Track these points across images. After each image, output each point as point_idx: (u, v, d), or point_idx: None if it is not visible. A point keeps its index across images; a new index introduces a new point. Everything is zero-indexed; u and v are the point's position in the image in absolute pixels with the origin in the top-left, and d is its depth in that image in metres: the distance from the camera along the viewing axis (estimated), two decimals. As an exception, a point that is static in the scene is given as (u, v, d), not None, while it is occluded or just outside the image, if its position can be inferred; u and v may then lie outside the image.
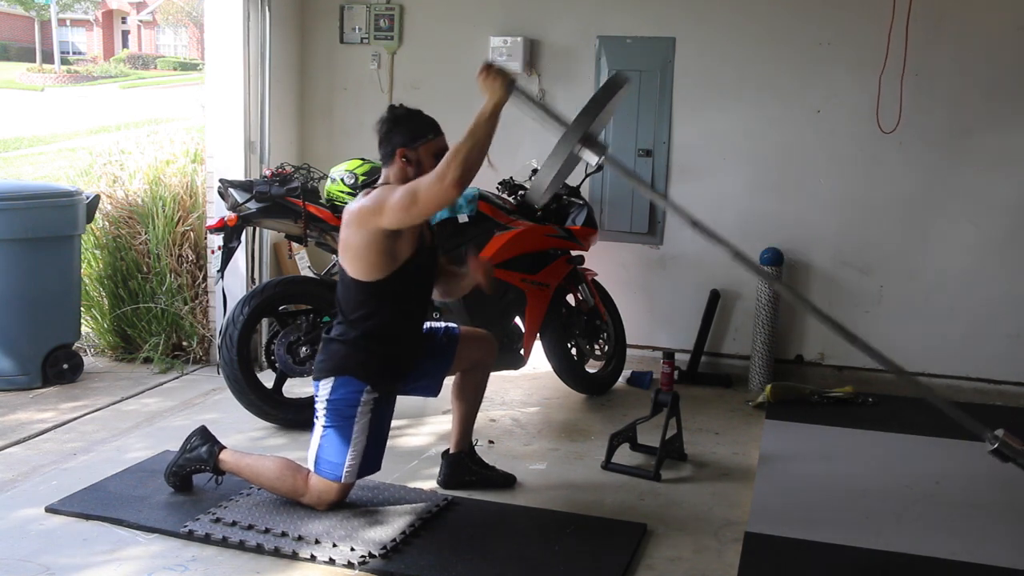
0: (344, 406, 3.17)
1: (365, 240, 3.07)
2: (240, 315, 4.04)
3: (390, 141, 3.14)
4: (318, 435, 3.21)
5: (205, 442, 3.39)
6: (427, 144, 3.15)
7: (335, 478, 3.18)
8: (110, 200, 5.37)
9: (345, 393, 3.16)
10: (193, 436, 3.42)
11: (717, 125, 5.20)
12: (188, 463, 3.39)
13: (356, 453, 3.17)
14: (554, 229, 4.57)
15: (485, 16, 5.42)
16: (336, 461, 3.18)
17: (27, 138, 15.02)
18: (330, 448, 3.18)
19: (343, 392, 3.16)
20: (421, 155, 3.13)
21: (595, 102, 2.99)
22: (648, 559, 3.07)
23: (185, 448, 3.41)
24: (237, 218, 4.08)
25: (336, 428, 3.17)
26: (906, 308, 5.09)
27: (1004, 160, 4.87)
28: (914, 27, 4.78)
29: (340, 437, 3.17)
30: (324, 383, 3.20)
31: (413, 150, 3.13)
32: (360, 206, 3.09)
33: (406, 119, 3.17)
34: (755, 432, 4.38)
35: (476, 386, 3.56)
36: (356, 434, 3.17)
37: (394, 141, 3.13)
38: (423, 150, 3.13)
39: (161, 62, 31.68)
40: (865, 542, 3.17)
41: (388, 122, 3.16)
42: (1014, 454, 2.80)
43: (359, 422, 3.17)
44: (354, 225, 3.10)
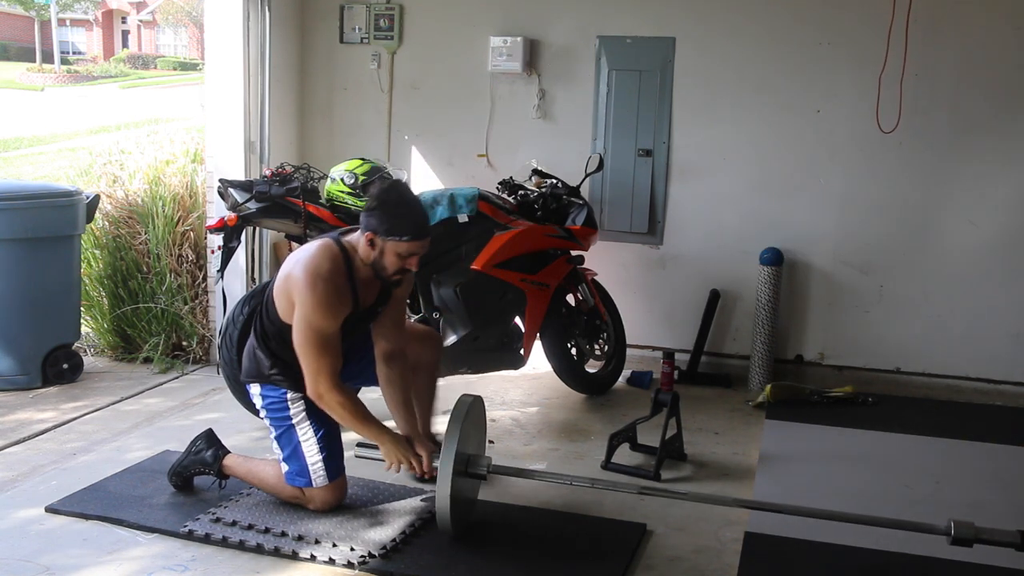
0: (278, 410, 3.21)
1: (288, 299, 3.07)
2: (240, 315, 4.03)
3: (368, 218, 3.02)
4: (276, 447, 3.26)
5: (210, 446, 3.39)
6: (397, 243, 3.00)
7: (307, 484, 3.20)
8: (110, 200, 5.37)
9: (274, 399, 3.22)
10: (199, 439, 3.43)
11: (717, 125, 5.20)
12: (192, 465, 3.39)
13: (313, 454, 3.19)
14: (554, 229, 4.56)
15: (485, 16, 5.42)
16: (300, 467, 3.20)
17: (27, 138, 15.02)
18: (290, 457, 3.21)
19: (271, 398, 3.23)
20: (386, 248, 3.01)
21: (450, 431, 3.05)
22: (648, 559, 3.07)
23: (190, 450, 3.41)
24: (237, 218, 4.08)
25: (284, 434, 3.21)
26: (906, 308, 5.09)
27: (1004, 160, 4.87)
28: (914, 27, 4.78)
29: (290, 442, 3.20)
30: (253, 387, 3.29)
31: (382, 240, 3.00)
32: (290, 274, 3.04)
33: (393, 209, 3.01)
34: (755, 432, 4.38)
35: (423, 389, 3.43)
36: (303, 436, 3.18)
37: (371, 222, 3.01)
38: (390, 245, 3.00)
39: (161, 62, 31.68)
40: (865, 542, 3.17)
41: (377, 200, 3.03)
42: (974, 535, 2.82)
43: (299, 425, 3.19)
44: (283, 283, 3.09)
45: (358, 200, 4.27)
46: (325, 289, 2.97)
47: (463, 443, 3.05)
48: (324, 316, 2.98)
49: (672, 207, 5.32)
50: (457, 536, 3.07)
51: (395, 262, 3.03)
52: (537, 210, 4.63)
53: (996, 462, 4.10)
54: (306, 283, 2.97)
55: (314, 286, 2.96)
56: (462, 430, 3.03)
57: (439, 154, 5.63)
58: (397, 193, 3.09)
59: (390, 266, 3.04)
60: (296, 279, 3.01)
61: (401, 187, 3.16)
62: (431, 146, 5.65)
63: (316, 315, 2.98)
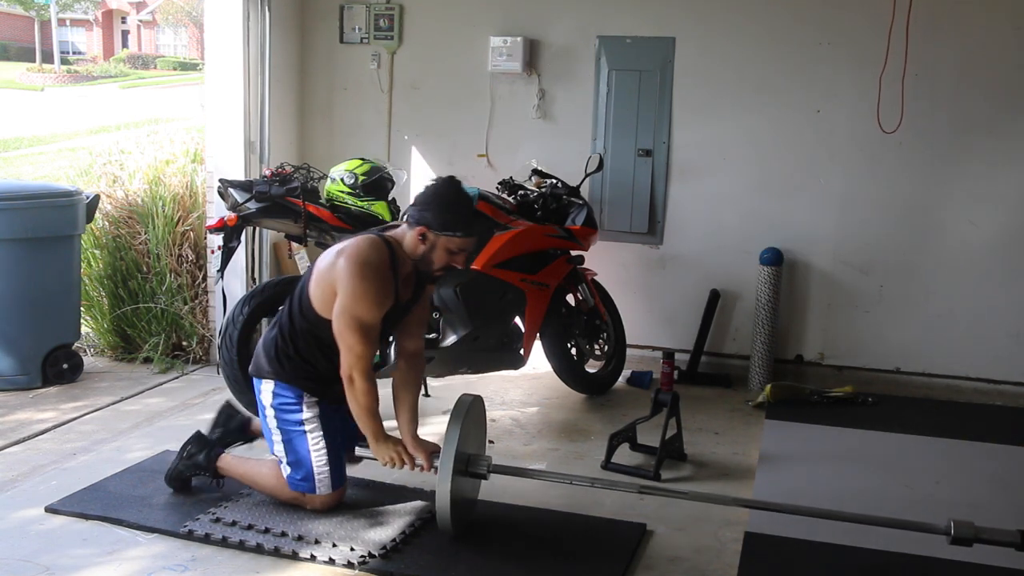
0: (290, 411, 3.17)
1: (331, 289, 3.05)
2: (240, 315, 4.03)
3: (421, 212, 3.05)
4: (279, 449, 3.20)
5: (201, 449, 3.38)
6: (450, 239, 3.04)
7: (311, 491, 3.18)
8: (110, 200, 5.37)
9: (287, 399, 3.17)
10: (190, 443, 3.41)
11: (717, 125, 5.20)
12: (187, 469, 3.38)
13: (322, 463, 3.17)
14: (554, 229, 4.57)
15: (485, 16, 5.42)
16: (305, 473, 3.17)
17: (27, 138, 15.02)
18: (296, 463, 3.18)
19: (285, 398, 3.17)
20: (438, 243, 3.05)
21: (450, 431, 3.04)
22: (648, 559, 3.07)
23: (182, 455, 3.40)
24: (237, 218, 4.08)
25: (292, 439, 3.17)
26: (906, 308, 5.09)
27: (1004, 160, 4.87)
28: (914, 27, 4.78)
29: (298, 449, 3.16)
30: (264, 384, 3.21)
31: (435, 235, 3.04)
32: (334, 264, 3.03)
33: (449, 205, 3.05)
34: (755, 432, 4.38)
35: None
36: (314, 444, 3.15)
37: (425, 217, 3.03)
38: (443, 240, 3.04)
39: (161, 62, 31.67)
40: (865, 542, 3.17)
41: (433, 195, 3.07)
42: (973, 535, 2.82)
43: (311, 433, 3.16)
44: (326, 272, 3.06)
45: (358, 200, 4.27)
46: (372, 279, 2.97)
47: (463, 442, 3.05)
48: (369, 306, 2.98)
49: (672, 207, 5.32)
50: (457, 536, 3.07)
51: (443, 258, 3.07)
52: (537, 210, 4.63)
53: (996, 462, 4.10)
54: (353, 272, 2.96)
55: (362, 276, 2.96)
56: (462, 429, 3.03)
57: (439, 154, 5.63)
58: (453, 190, 3.11)
59: (438, 261, 3.07)
60: (341, 268, 2.99)
61: (455, 184, 3.16)
62: (431, 146, 5.65)
63: (361, 305, 2.97)
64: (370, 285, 2.97)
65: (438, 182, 3.16)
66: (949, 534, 2.84)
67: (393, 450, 3.15)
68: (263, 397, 3.21)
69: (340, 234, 4.22)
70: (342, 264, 2.99)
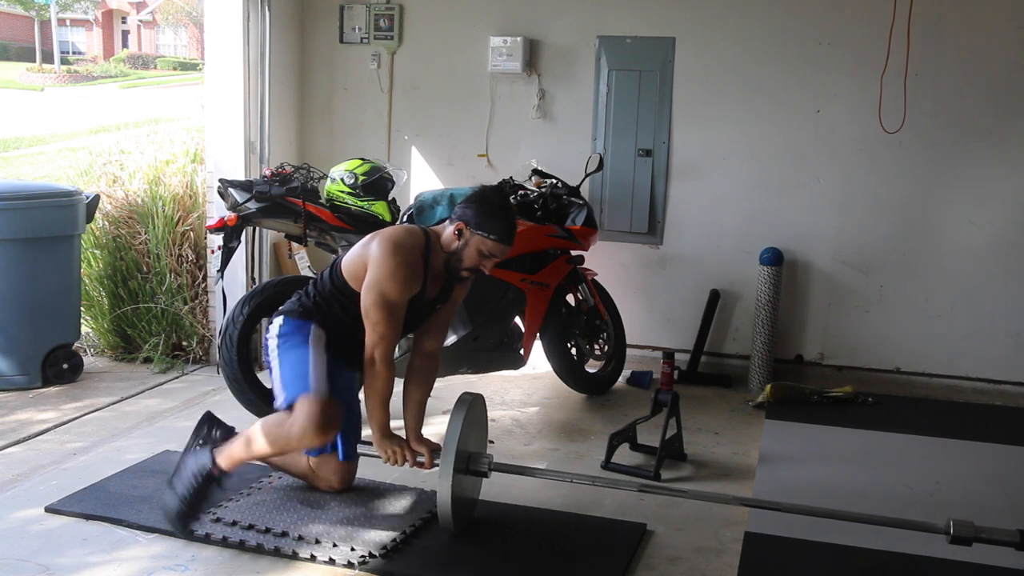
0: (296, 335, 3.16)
1: (362, 264, 3.14)
2: (240, 315, 4.04)
3: (464, 209, 3.14)
4: (276, 369, 3.15)
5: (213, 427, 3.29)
6: (484, 240, 3.11)
7: (304, 390, 3.04)
8: (110, 200, 5.37)
9: (295, 327, 3.19)
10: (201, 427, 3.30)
11: (717, 125, 5.20)
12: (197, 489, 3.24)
13: (318, 368, 3.09)
14: (554, 229, 4.57)
15: (485, 16, 5.42)
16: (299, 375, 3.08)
17: (27, 138, 15.02)
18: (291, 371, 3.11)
19: (293, 326, 3.19)
20: (472, 241, 3.12)
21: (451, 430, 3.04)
22: (648, 559, 3.07)
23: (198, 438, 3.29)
24: (237, 218, 4.09)
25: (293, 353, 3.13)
26: (906, 308, 5.09)
27: (1005, 161, 4.87)
28: (915, 28, 4.78)
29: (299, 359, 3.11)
30: (276, 319, 3.25)
31: (471, 232, 3.11)
32: (369, 244, 3.13)
33: (491, 208, 3.14)
34: (755, 432, 4.38)
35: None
36: (314, 356, 3.12)
37: (466, 213, 3.13)
38: (477, 240, 3.11)
39: (161, 62, 31.66)
40: (865, 542, 3.17)
41: (479, 195, 3.18)
42: (973, 534, 2.82)
43: (314, 349, 3.13)
44: (360, 249, 3.17)
45: (358, 200, 4.27)
46: (402, 259, 3.06)
47: (464, 441, 3.05)
48: (395, 285, 3.05)
49: (672, 207, 5.32)
50: (458, 534, 3.07)
51: (474, 258, 3.13)
52: (537, 210, 4.63)
53: (996, 462, 4.10)
54: (385, 249, 3.06)
55: (393, 253, 3.05)
56: (463, 428, 3.03)
57: (439, 154, 5.63)
58: (500, 196, 3.24)
59: (467, 260, 3.14)
60: (375, 246, 3.10)
61: (505, 192, 3.28)
62: (431, 146, 5.65)
63: (388, 283, 3.05)
64: (400, 264, 3.05)
65: (488, 187, 3.30)
66: (949, 534, 2.84)
67: (396, 445, 3.17)
68: (271, 331, 3.23)
69: (340, 234, 4.23)
70: (377, 242, 3.11)
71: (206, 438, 3.25)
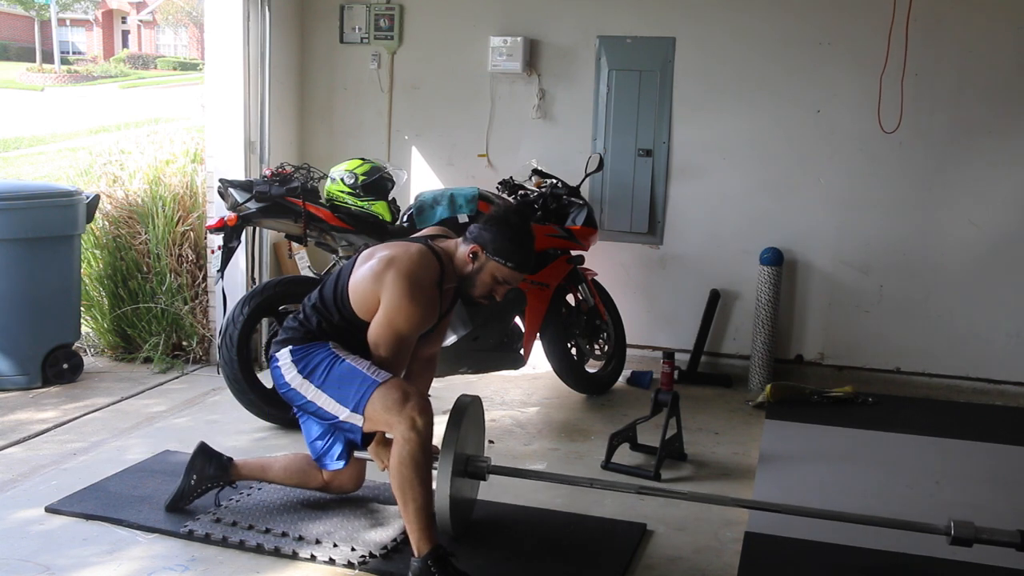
0: (314, 355, 2.93)
1: (374, 296, 2.90)
2: (240, 315, 4.04)
3: (481, 231, 2.95)
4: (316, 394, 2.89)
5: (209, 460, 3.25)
6: (500, 266, 2.93)
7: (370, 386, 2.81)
8: (110, 200, 5.37)
9: (307, 350, 2.95)
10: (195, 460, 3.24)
11: (717, 125, 5.20)
12: (200, 485, 3.23)
13: (364, 364, 2.88)
14: (554, 229, 4.57)
15: (485, 16, 5.42)
16: (351, 379, 2.86)
17: (27, 138, 15.02)
18: (338, 382, 2.86)
19: (304, 351, 2.95)
20: (488, 267, 2.94)
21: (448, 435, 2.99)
22: (648, 559, 3.07)
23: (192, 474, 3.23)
24: (237, 218, 4.08)
25: (325, 371, 2.90)
26: (906, 308, 5.09)
27: (1004, 160, 4.87)
28: (914, 28, 4.78)
29: (338, 370, 2.88)
30: (281, 353, 2.98)
31: (487, 257, 2.93)
32: (383, 275, 2.86)
33: (512, 233, 2.95)
34: (755, 432, 4.38)
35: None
36: (351, 359, 2.89)
37: (484, 236, 2.94)
38: (492, 265, 2.93)
39: (161, 62, 31.66)
40: (865, 542, 3.17)
41: (499, 218, 2.97)
42: (973, 535, 2.82)
43: (345, 354, 2.91)
44: (372, 280, 2.90)
45: (358, 200, 4.27)
46: (421, 300, 2.87)
47: (462, 444, 3.05)
48: (413, 327, 2.89)
49: (672, 207, 5.32)
50: (457, 536, 3.07)
51: (487, 283, 2.97)
52: (537, 210, 4.63)
53: (996, 462, 4.10)
54: (403, 291, 2.84)
55: (411, 296, 2.84)
56: (461, 430, 3.03)
57: (439, 154, 5.63)
58: (520, 219, 3.03)
59: (480, 286, 2.98)
60: (391, 282, 2.85)
61: (525, 214, 3.06)
62: (431, 146, 5.65)
63: (407, 325, 2.87)
64: (418, 306, 2.87)
65: (510, 208, 3.09)
66: (949, 534, 2.84)
67: (387, 453, 3.08)
68: (282, 365, 2.97)
69: (340, 234, 4.23)
70: (392, 278, 2.85)
71: (200, 472, 3.22)
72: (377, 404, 2.81)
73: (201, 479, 3.23)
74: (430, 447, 2.82)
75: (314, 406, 2.94)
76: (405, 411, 2.77)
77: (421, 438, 2.77)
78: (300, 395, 2.95)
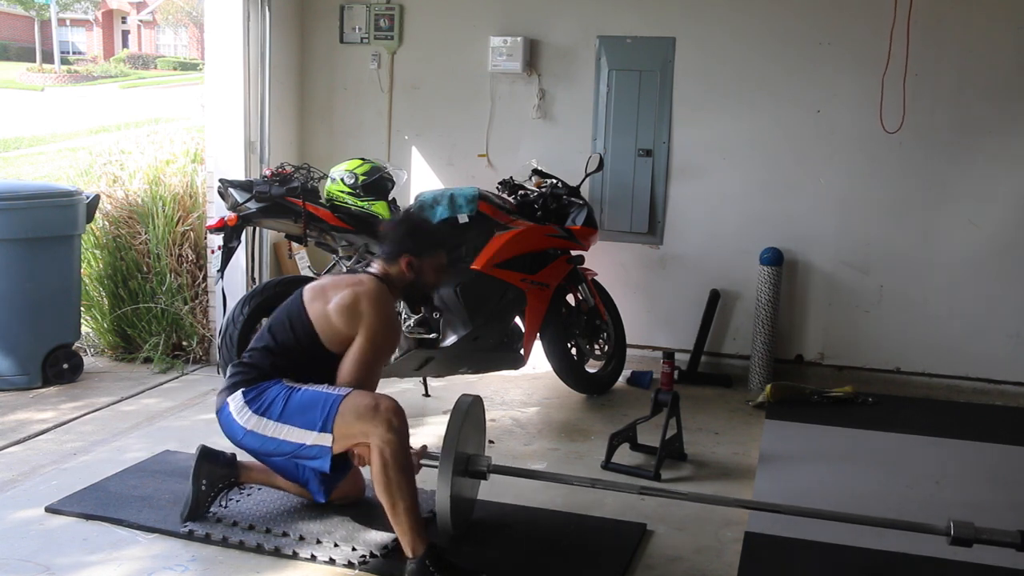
0: (270, 392, 2.92)
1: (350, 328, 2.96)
2: (240, 315, 4.04)
3: (400, 244, 3.12)
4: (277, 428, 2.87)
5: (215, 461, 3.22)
6: (433, 259, 3.18)
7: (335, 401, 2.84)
8: (110, 200, 5.37)
9: (261, 390, 2.93)
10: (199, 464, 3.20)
11: (717, 125, 5.20)
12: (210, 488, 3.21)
13: (321, 388, 2.91)
14: (554, 229, 4.57)
15: (485, 16, 5.42)
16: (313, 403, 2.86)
17: (27, 138, 15.02)
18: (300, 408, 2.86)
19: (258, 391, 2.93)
20: (425, 267, 3.16)
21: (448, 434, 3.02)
22: (648, 559, 3.07)
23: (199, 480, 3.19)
24: (237, 218, 4.08)
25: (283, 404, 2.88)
26: (906, 308, 5.09)
27: (1005, 160, 4.87)
28: (915, 28, 4.78)
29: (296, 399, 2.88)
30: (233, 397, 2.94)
31: (419, 260, 3.13)
32: (347, 305, 2.94)
33: (420, 230, 3.21)
34: (755, 432, 4.38)
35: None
36: (308, 387, 2.91)
37: (405, 246, 3.12)
38: (428, 263, 3.16)
39: (161, 62, 31.66)
40: (865, 542, 3.17)
41: (403, 226, 3.19)
42: (973, 535, 2.82)
43: (301, 385, 2.93)
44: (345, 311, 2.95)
45: (358, 200, 4.27)
46: (398, 324, 3.17)
47: (463, 443, 3.05)
48: (394, 348, 3.20)
49: (672, 207, 5.32)
50: (457, 536, 3.07)
51: (434, 277, 3.22)
52: (537, 210, 4.63)
53: (996, 462, 4.10)
54: (384, 318, 2.99)
55: (392, 321, 3.07)
56: (462, 430, 3.03)
57: (439, 154, 5.63)
58: (419, 217, 3.37)
59: (431, 282, 3.22)
60: (371, 313, 2.94)
61: (418, 211, 3.37)
62: (431, 146, 5.65)
63: (390, 347, 3.14)
64: (397, 329, 3.13)
65: (401, 215, 3.37)
66: (949, 535, 2.84)
67: None
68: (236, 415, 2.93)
69: (340, 234, 4.23)
70: (368, 308, 2.94)
71: (209, 476, 3.19)
72: (348, 416, 2.84)
73: (212, 481, 3.20)
74: (408, 447, 2.86)
75: (274, 443, 2.90)
76: (380, 415, 2.81)
77: (400, 438, 2.80)
78: (259, 436, 2.91)
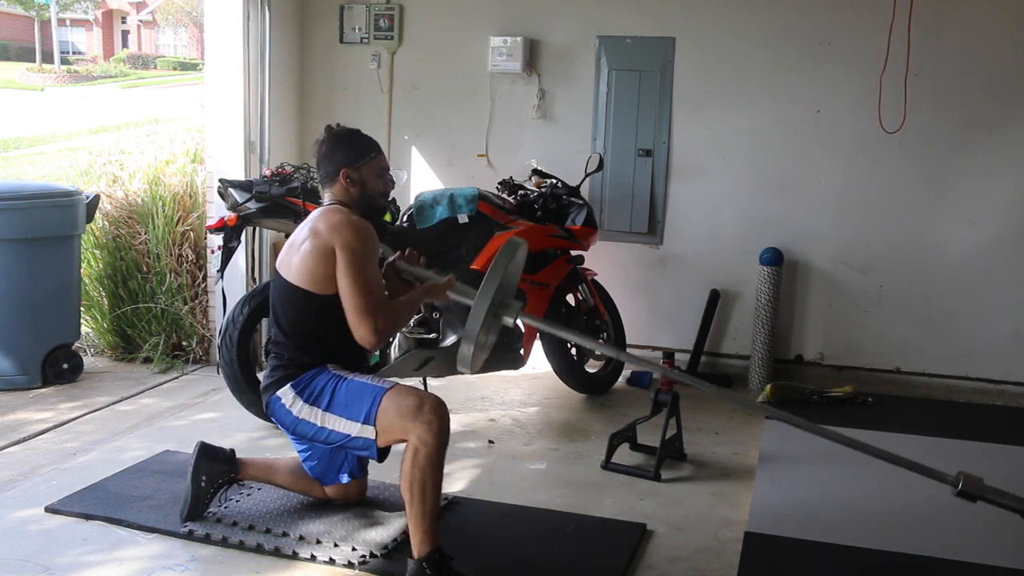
0: (318, 382, 2.93)
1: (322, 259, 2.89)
2: (240, 315, 4.04)
3: (331, 160, 3.04)
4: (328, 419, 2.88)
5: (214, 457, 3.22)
6: (370, 163, 3.06)
7: (377, 395, 2.83)
8: (110, 200, 5.37)
9: (307, 380, 2.94)
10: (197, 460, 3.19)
11: (717, 125, 5.20)
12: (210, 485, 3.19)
13: (368, 378, 2.91)
14: (554, 229, 4.57)
15: (485, 16, 5.42)
16: (359, 395, 2.86)
17: (27, 138, 15.02)
18: (346, 400, 2.87)
19: (305, 382, 2.94)
20: (364, 174, 3.05)
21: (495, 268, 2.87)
22: (648, 559, 3.07)
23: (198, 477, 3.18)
24: (237, 218, 4.08)
25: (332, 394, 2.89)
26: (906, 308, 5.09)
27: (1005, 160, 4.87)
28: (915, 27, 4.78)
29: (345, 390, 2.88)
30: (283, 391, 2.97)
31: (356, 170, 3.03)
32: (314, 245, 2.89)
33: (347, 139, 3.07)
34: (755, 432, 4.38)
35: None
36: (354, 377, 2.91)
37: (336, 160, 3.03)
38: (366, 169, 3.05)
39: (161, 62, 31.67)
40: (865, 542, 3.17)
41: (328, 142, 3.07)
42: (980, 492, 2.81)
43: (347, 374, 2.93)
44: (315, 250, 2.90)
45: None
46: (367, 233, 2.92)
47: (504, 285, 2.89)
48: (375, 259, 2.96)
49: (672, 207, 5.32)
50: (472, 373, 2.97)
51: (377, 182, 3.09)
52: (537, 210, 4.63)
53: (996, 462, 4.09)
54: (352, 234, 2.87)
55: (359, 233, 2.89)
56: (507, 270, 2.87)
57: (439, 154, 5.63)
58: (339, 129, 3.12)
59: (375, 187, 3.08)
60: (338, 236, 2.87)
61: (338, 125, 3.15)
62: (431, 146, 5.65)
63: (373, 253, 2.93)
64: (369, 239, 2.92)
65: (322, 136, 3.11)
66: (957, 486, 2.82)
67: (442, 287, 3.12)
68: (288, 406, 2.95)
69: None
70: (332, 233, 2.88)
71: (208, 472, 3.17)
72: (390, 412, 2.80)
73: (211, 478, 3.19)
74: (445, 450, 2.80)
75: (324, 432, 2.92)
76: (423, 415, 2.75)
77: (439, 441, 2.76)
78: (309, 424, 2.93)
